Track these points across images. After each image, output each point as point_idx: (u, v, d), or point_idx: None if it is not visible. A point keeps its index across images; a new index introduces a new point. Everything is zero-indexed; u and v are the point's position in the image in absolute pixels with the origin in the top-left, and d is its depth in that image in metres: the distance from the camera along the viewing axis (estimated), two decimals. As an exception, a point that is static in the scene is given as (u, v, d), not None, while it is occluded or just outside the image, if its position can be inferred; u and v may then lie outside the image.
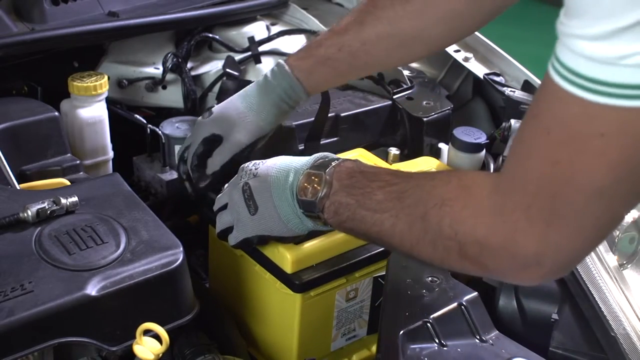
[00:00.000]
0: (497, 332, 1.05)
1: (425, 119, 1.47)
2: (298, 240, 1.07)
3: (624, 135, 0.65)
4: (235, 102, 1.20)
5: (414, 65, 1.73)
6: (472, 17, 1.13)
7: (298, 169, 1.00)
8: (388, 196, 0.88)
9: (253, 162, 1.07)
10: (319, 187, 0.95)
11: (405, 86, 1.55)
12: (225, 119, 1.19)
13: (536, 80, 1.53)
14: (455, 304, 1.04)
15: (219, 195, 1.11)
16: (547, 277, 0.78)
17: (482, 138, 1.38)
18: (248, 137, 1.18)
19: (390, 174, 0.91)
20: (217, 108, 1.22)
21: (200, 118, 1.22)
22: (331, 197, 0.94)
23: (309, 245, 1.08)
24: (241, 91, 1.22)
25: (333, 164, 0.96)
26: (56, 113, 1.28)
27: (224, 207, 1.08)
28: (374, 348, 1.17)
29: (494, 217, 0.76)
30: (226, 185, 1.12)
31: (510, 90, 1.51)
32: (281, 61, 1.18)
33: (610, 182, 0.68)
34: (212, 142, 1.19)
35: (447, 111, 1.50)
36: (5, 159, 1.13)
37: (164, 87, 1.52)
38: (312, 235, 1.05)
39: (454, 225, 0.80)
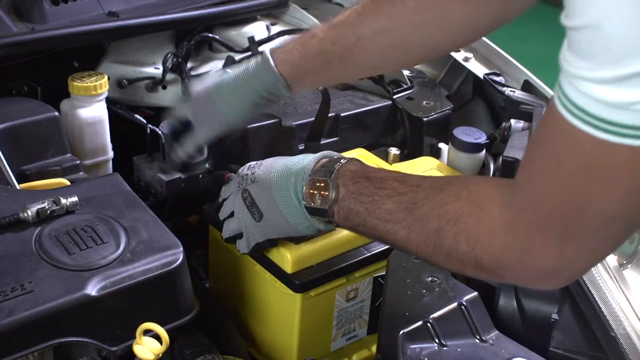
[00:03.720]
0: (497, 332, 1.05)
1: (425, 119, 1.47)
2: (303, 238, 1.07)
3: (636, 170, 0.65)
4: (211, 91, 1.15)
5: (414, 65, 1.73)
6: (472, 21, 1.07)
7: (299, 171, 0.99)
8: (398, 206, 0.87)
9: (248, 165, 1.06)
10: (326, 193, 0.94)
11: (405, 86, 1.55)
12: (197, 107, 1.16)
13: (536, 80, 1.53)
14: (455, 304, 1.04)
15: (224, 202, 1.10)
16: (564, 284, 0.80)
17: (482, 138, 1.38)
18: (214, 132, 1.16)
19: (397, 181, 0.90)
20: (194, 93, 1.18)
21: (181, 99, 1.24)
22: (340, 203, 0.94)
23: (309, 245, 1.08)
24: (220, 79, 1.15)
25: (336, 166, 0.95)
26: (56, 113, 1.28)
27: (231, 214, 1.07)
28: (374, 348, 1.17)
29: (508, 234, 0.77)
30: (223, 188, 1.12)
31: (510, 90, 1.50)
32: (266, 52, 1.11)
33: (622, 209, 0.69)
34: (186, 124, 1.18)
35: (447, 111, 1.51)
36: (5, 159, 1.13)
37: (164, 87, 1.51)
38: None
39: (470, 241, 0.80)
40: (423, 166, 1.35)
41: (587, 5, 0.61)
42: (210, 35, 1.57)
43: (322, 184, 0.95)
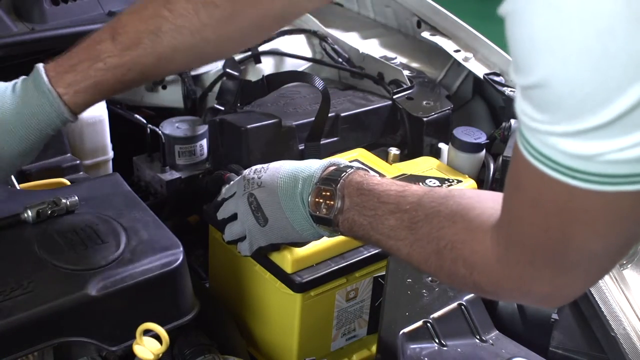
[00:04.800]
0: (497, 332, 1.05)
1: (425, 119, 1.47)
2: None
3: (608, 213, 0.65)
4: None
5: (414, 65, 1.73)
6: (286, 19, 1.09)
7: (306, 178, 0.98)
8: (400, 223, 0.87)
9: (254, 168, 1.04)
10: (331, 203, 0.94)
11: (405, 86, 1.55)
12: None
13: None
14: (455, 304, 1.04)
15: (224, 203, 1.09)
16: (564, 303, 0.81)
17: (482, 138, 1.38)
18: None
19: (400, 196, 0.89)
20: None
21: None
22: (344, 213, 0.93)
23: (309, 245, 1.08)
24: None
25: (343, 176, 0.95)
26: (56, 113, 1.28)
27: (234, 216, 1.06)
28: (374, 348, 1.17)
29: (501, 266, 0.77)
30: (224, 188, 1.11)
31: (510, 90, 1.50)
32: (48, 87, 0.95)
33: (602, 246, 0.69)
34: None
35: (447, 111, 1.50)
36: (6, 159, 1.13)
37: (164, 87, 1.51)
38: None
39: (468, 267, 0.81)
40: (423, 166, 1.35)
41: (533, 64, 0.60)
42: (210, 35, 1.57)
43: (328, 193, 0.95)
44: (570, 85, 0.58)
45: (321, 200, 0.95)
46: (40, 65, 0.98)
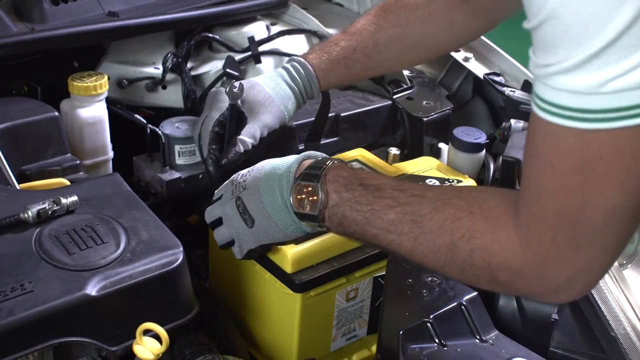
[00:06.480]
0: (497, 332, 1.05)
1: (425, 119, 1.47)
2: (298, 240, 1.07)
3: (620, 154, 0.68)
4: (260, 85, 1.23)
5: (414, 65, 1.73)
6: (471, 27, 1.26)
7: (283, 174, 0.99)
8: (402, 217, 0.87)
9: (241, 172, 1.06)
10: (314, 198, 0.94)
11: (405, 86, 1.55)
12: (252, 98, 1.21)
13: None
14: (455, 304, 1.04)
15: (209, 208, 1.10)
16: (578, 296, 0.82)
17: (482, 138, 1.38)
18: (274, 122, 1.23)
19: (397, 190, 0.89)
20: (244, 84, 1.21)
21: (224, 88, 1.22)
22: (331, 209, 0.93)
23: (309, 245, 1.08)
24: (262, 76, 1.26)
25: (322, 171, 0.95)
26: (56, 113, 1.28)
27: (219, 221, 1.07)
28: (374, 348, 1.17)
29: (524, 250, 0.78)
30: (216, 192, 1.12)
31: (510, 90, 1.51)
32: (300, 58, 1.25)
33: (621, 199, 0.71)
34: (238, 120, 1.21)
35: (447, 111, 1.51)
36: (5, 159, 1.13)
37: (164, 87, 1.51)
38: (311, 234, 1.05)
39: (486, 257, 0.81)
40: (423, 166, 1.35)
41: (542, 1, 0.66)
42: (210, 35, 1.57)
43: (310, 189, 0.95)
44: (576, 11, 0.64)
45: (304, 197, 0.95)
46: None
